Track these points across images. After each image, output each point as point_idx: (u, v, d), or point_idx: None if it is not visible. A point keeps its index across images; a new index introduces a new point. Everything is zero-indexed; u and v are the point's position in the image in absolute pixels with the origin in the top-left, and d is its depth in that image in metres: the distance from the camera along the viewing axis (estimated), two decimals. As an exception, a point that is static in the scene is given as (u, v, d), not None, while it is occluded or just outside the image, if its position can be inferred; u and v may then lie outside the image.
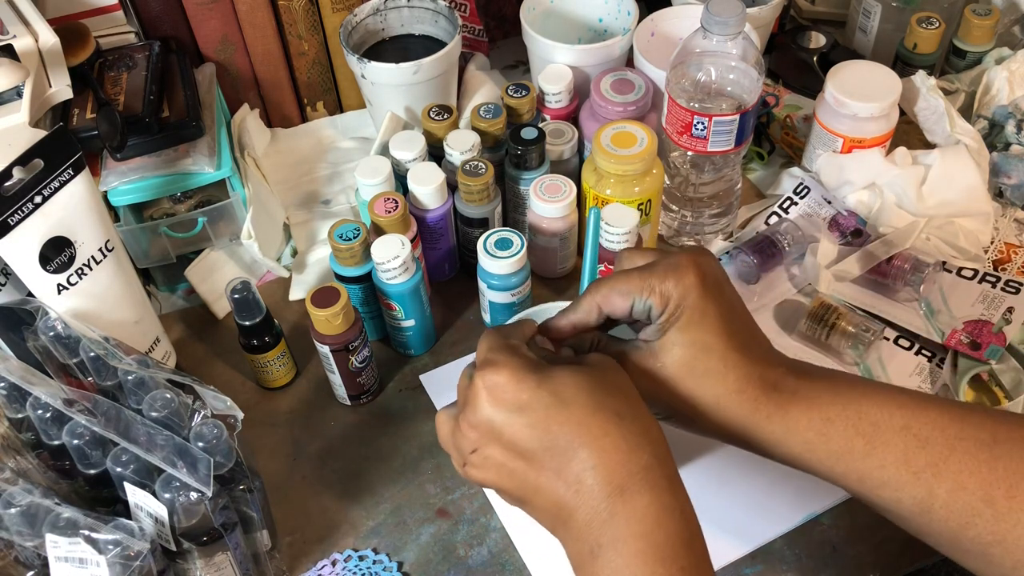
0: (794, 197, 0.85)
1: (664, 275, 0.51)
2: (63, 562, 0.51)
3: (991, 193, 0.83)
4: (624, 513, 0.45)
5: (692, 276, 0.51)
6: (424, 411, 0.74)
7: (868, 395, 0.50)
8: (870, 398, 0.50)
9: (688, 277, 0.51)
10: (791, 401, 0.50)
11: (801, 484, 0.67)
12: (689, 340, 0.51)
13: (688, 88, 0.74)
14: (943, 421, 0.48)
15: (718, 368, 0.51)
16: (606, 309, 0.53)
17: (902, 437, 0.48)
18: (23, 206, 0.59)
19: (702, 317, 0.50)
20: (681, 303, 0.51)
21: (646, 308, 0.52)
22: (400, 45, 0.90)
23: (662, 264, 0.52)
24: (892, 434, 0.49)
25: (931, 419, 0.49)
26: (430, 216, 0.76)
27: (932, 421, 0.48)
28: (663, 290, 0.51)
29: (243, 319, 0.70)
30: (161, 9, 0.83)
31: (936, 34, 0.91)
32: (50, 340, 0.60)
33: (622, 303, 0.52)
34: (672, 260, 0.52)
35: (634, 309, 0.52)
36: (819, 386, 0.51)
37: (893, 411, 0.49)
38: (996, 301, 0.76)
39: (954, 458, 0.47)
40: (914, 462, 0.48)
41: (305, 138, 0.95)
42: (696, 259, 0.52)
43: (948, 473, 0.47)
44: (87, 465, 0.55)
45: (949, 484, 0.47)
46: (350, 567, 0.65)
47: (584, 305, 0.54)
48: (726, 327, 0.51)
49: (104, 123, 0.72)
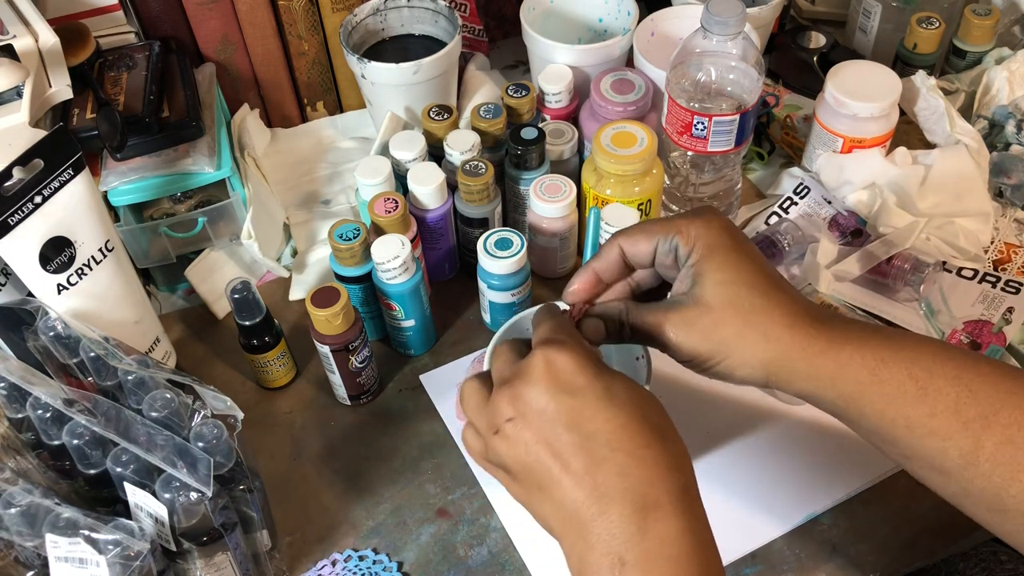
0: (794, 197, 0.85)
1: (689, 218, 0.51)
2: (63, 562, 0.51)
3: (991, 193, 0.83)
4: (657, 533, 0.43)
5: (717, 220, 0.51)
6: (424, 411, 0.74)
7: (920, 344, 0.49)
8: (923, 346, 0.49)
9: (714, 221, 0.51)
10: (844, 338, 0.49)
11: (801, 484, 0.67)
12: (729, 278, 0.49)
13: (688, 88, 0.74)
14: (995, 376, 0.48)
15: (763, 303, 0.49)
16: (629, 251, 0.53)
17: (954, 386, 0.47)
18: (23, 206, 0.59)
19: (737, 256, 0.50)
20: (710, 244, 0.50)
21: (671, 248, 0.51)
22: (400, 45, 0.90)
23: (685, 213, 0.52)
24: (945, 382, 0.48)
25: (983, 373, 0.48)
26: (430, 216, 0.76)
27: (984, 375, 0.48)
28: (688, 229, 0.51)
29: (243, 319, 0.70)
30: (161, 9, 0.83)
31: (936, 34, 0.91)
32: (50, 340, 0.60)
33: (646, 245, 0.52)
34: (694, 210, 0.52)
35: (658, 251, 0.52)
36: (869, 329, 0.50)
37: (945, 361, 0.48)
38: (996, 301, 0.76)
39: (1005, 411, 0.47)
40: (964, 412, 0.47)
41: (305, 138, 0.95)
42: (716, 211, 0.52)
43: (998, 425, 0.47)
44: (87, 465, 0.55)
45: (997, 437, 0.46)
46: (350, 567, 0.65)
47: (606, 251, 0.53)
48: (762, 267, 0.50)
49: (104, 123, 0.72)
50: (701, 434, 0.70)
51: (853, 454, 0.69)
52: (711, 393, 0.73)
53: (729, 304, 0.49)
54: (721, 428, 0.71)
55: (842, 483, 0.67)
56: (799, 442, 0.70)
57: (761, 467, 0.68)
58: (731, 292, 0.49)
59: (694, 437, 0.70)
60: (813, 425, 0.71)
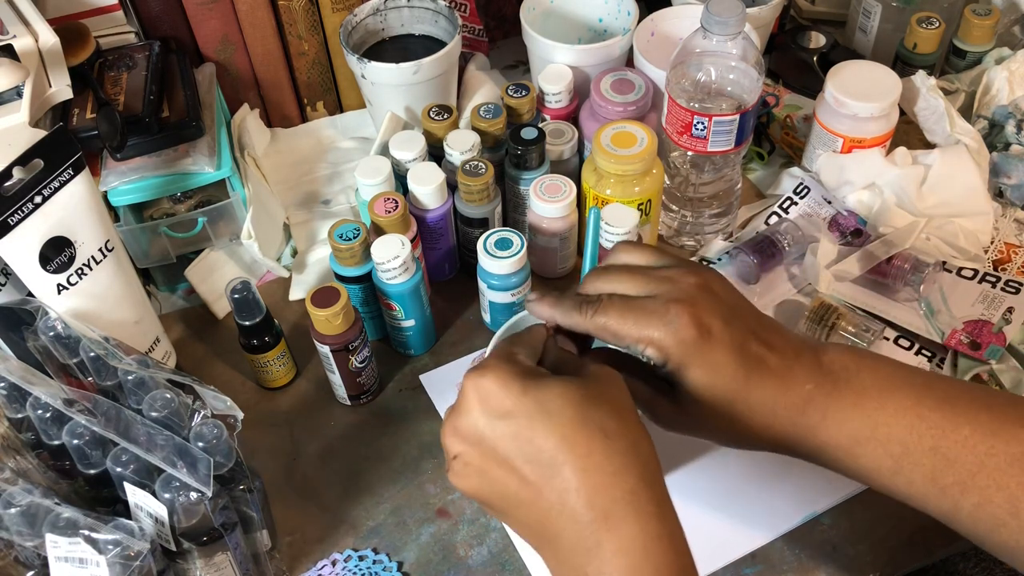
0: (794, 197, 0.85)
1: (662, 329, 0.49)
2: (63, 562, 0.51)
3: (991, 193, 0.83)
4: (610, 544, 0.43)
5: (691, 331, 0.49)
6: (424, 411, 0.74)
7: (899, 415, 0.49)
8: (900, 419, 0.49)
9: (688, 333, 0.49)
10: (820, 426, 0.50)
11: (801, 484, 0.67)
12: (709, 396, 0.50)
13: (688, 88, 0.74)
14: (974, 440, 0.48)
15: (744, 412, 0.50)
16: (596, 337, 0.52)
17: (931, 457, 0.48)
18: (23, 206, 0.59)
19: (713, 368, 0.49)
20: (684, 356, 0.49)
21: (643, 355, 0.51)
22: (400, 45, 0.90)
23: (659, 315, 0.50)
24: (920, 455, 0.48)
25: (961, 438, 0.48)
26: (430, 216, 0.76)
27: (963, 440, 0.48)
28: (661, 345, 0.49)
29: (243, 319, 0.70)
30: (161, 9, 0.83)
31: (936, 34, 0.91)
32: (50, 340, 0.60)
33: (613, 343, 0.52)
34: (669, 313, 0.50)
35: (629, 350, 0.52)
36: (847, 404, 0.50)
37: (923, 432, 0.49)
38: (996, 301, 0.76)
39: (982, 474, 0.47)
40: (941, 480, 0.48)
41: (305, 138, 0.95)
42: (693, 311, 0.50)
43: (975, 489, 0.47)
44: (87, 465, 0.55)
45: (976, 499, 0.48)
46: (350, 567, 0.65)
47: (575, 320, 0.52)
48: (743, 370, 0.50)
49: (104, 123, 0.72)
50: (701, 434, 0.70)
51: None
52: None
53: (713, 415, 0.50)
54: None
55: (842, 483, 0.67)
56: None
57: (761, 467, 0.68)
58: (713, 406, 0.50)
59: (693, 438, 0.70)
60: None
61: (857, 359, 0.52)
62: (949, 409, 0.49)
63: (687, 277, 0.51)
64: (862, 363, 0.51)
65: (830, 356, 0.52)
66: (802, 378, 0.51)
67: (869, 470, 0.50)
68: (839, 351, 0.52)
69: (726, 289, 0.53)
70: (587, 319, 0.51)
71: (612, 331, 0.51)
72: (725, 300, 0.52)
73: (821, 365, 0.51)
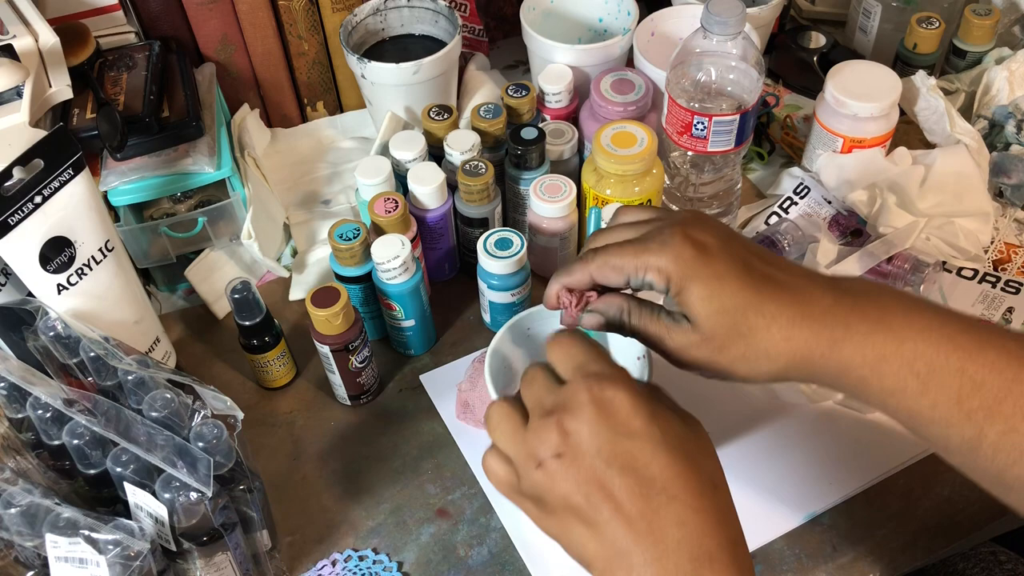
0: (794, 197, 0.85)
1: (659, 251, 0.49)
2: (63, 562, 0.51)
3: (991, 193, 0.83)
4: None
5: (688, 248, 0.49)
6: (424, 411, 0.74)
7: (924, 333, 0.47)
8: (926, 337, 0.47)
9: (684, 250, 0.49)
10: (844, 338, 0.48)
11: (801, 484, 0.67)
12: (718, 308, 0.48)
13: (688, 88, 0.74)
14: (1001, 363, 0.47)
15: (759, 323, 0.48)
16: (599, 279, 0.52)
17: (957, 378, 0.47)
18: (23, 206, 0.59)
19: (719, 281, 0.48)
20: (685, 275, 0.49)
21: (644, 284, 0.50)
22: (400, 45, 0.90)
23: (655, 240, 0.50)
24: (947, 375, 0.47)
25: (988, 361, 0.47)
26: (430, 216, 0.76)
27: (990, 363, 0.47)
28: (660, 266, 0.49)
29: (243, 319, 0.70)
30: (161, 9, 0.83)
31: (936, 34, 0.91)
32: (50, 340, 0.60)
33: (616, 277, 0.51)
34: (663, 235, 0.50)
35: (631, 283, 0.51)
36: (871, 319, 0.48)
37: (950, 353, 0.47)
38: (996, 301, 0.76)
39: (1009, 400, 0.46)
40: (967, 403, 0.47)
41: (305, 138, 0.95)
42: (686, 230, 0.50)
43: (1001, 415, 0.46)
44: (87, 465, 0.55)
45: (1001, 426, 0.46)
46: (350, 567, 0.65)
47: (577, 272, 0.52)
48: (751, 280, 0.49)
49: (104, 123, 0.73)
50: (701, 434, 0.70)
51: (853, 454, 0.69)
52: (712, 394, 0.73)
53: (728, 332, 0.49)
54: (721, 428, 0.71)
55: (842, 483, 0.67)
56: (799, 442, 0.69)
57: (761, 467, 0.68)
58: (727, 320, 0.49)
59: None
60: (814, 425, 0.71)
61: (876, 285, 0.50)
62: (976, 333, 0.48)
63: (680, 213, 0.52)
64: (883, 288, 0.50)
65: (849, 280, 0.50)
66: (818, 294, 0.49)
67: (894, 390, 0.48)
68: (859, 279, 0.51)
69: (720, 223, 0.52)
70: (588, 264, 0.51)
71: (612, 264, 0.50)
72: (722, 228, 0.51)
73: (839, 284, 0.50)
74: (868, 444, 0.69)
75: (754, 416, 0.71)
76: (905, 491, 0.67)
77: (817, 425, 0.71)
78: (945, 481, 0.67)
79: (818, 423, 0.71)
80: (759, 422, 0.71)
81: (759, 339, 0.49)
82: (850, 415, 0.71)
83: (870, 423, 0.70)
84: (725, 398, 0.72)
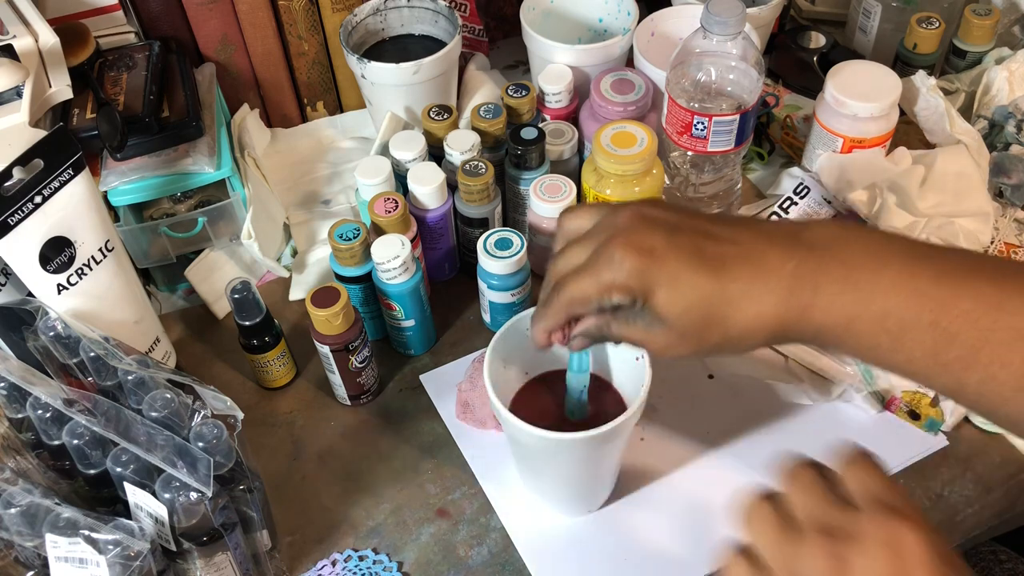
0: (794, 197, 0.85)
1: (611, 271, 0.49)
2: (63, 562, 0.51)
3: (991, 193, 0.83)
4: None
5: (634, 259, 0.49)
6: (424, 411, 0.74)
7: (894, 289, 0.46)
8: (896, 292, 0.46)
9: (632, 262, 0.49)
10: (812, 303, 0.47)
11: (801, 484, 0.67)
12: (684, 307, 0.48)
13: (688, 88, 0.74)
14: (976, 312, 0.45)
15: (727, 310, 0.48)
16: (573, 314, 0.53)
17: (930, 333, 0.46)
18: (23, 206, 0.59)
19: (675, 282, 0.48)
20: (643, 285, 0.49)
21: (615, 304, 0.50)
22: (400, 45, 0.90)
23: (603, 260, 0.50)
24: (919, 331, 0.46)
25: (963, 311, 0.45)
26: (430, 216, 0.76)
27: (964, 314, 0.45)
28: (617, 286, 0.49)
29: (243, 319, 0.70)
30: (161, 9, 0.83)
31: (936, 34, 0.91)
32: (50, 340, 0.60)
33: (586, 308, 0.52)
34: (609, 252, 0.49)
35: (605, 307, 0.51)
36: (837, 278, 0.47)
37: (921, 307, 0.46)
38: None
39: (986, 350, 0.45)
40: (943, 356, 0.46)
41: (305, 138, 0.95)
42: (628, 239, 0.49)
43: (979, 365, 0.45)
44: (87, 465, 0.55)
45: (980, 375, 0.45)
46: (350, 567, 0.65)
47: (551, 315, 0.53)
48: (706, 269, 0.48)
49: (104, 123, 0.73)
50: (700, 435, 0.70)
51: (853, 454, 0.69)
52: (711, 394, 0.73)
53: (701, 325, 0.49)
54: (721, 429, 0.71)
55: (842, 483, 0.67)
56: (800, 442, 0.69)
57: (761, 468, 0.68)
58: (696, 315, 0.48)
59: (693, 438, 0.70)
60: (814, 425, 0.71)
61: (843, 231, 0.49)
62: (948, 281, 0.46)
63: (618, 216, 0.51)
64: (849, 235, 0.49)
65: (812, 231, 0.49)
66: (780, 259, 0.48)
67: (869, 347, 0.47)
68: (823, 225, 0.50)
69: (665, 210, 0.51)
70: (558, 305, 0.52)
71: (577, 300, 0.51)
72: (664, 219, 0.50)
73: (801, 242, 0.49)
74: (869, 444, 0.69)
75: (754, 416, 0.71)
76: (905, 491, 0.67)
77: (817, 425, 0.70)
78: (945, 481, 0.67)
79: (818, 423, 0.71)
80: (759, 422, 0.71)
81: (732, 323, 0.48)
82: (851, 415, 0.71)
83: (870, 423, 0.70)
84: (725, 398, 0.72)
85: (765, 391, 0.72)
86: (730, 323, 0.48)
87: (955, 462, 0.68)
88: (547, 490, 0.66)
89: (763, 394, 0.72)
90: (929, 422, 0.70)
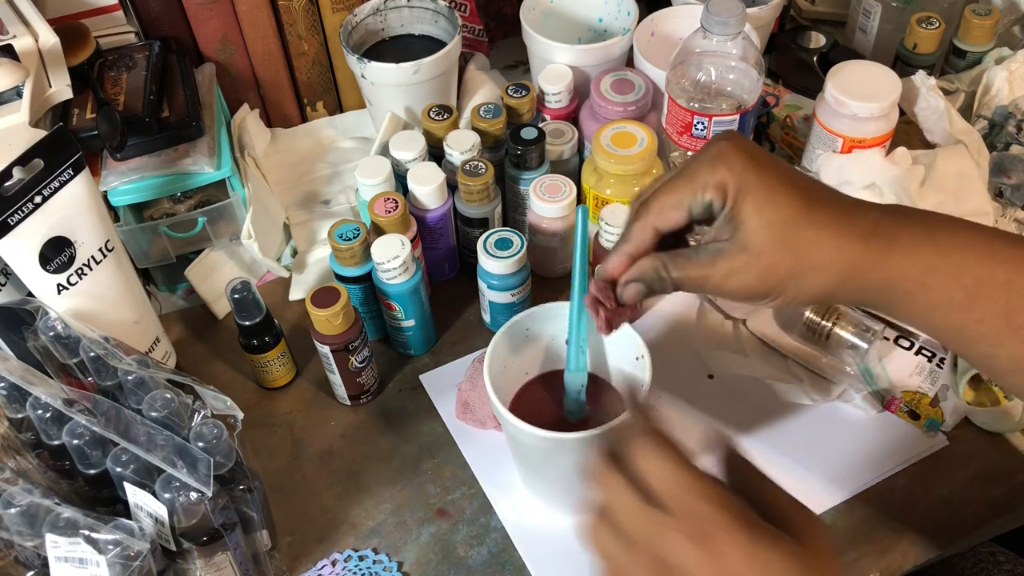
0: (794, 197, 0.85)
1: (712, 167, 0.48)
2: (63, 562, 0.51)
3: (991, 193, 0.83)
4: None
5: (739, 157, 0.48)
6: (424, 411, 0.74)
7: (973, 244, 0.47)
8: (975, 248, 0.47)
9: (736, 159, 0.48)
10: (891, 249, 0.47)
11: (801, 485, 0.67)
12: (769, 219, 0.47)
13: (688, 88, 0.74)
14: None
15: (810, 234, 0.47)
16: (662, 226, 0.50)
17: (1005, 292, 0.46)
18: (23, 206, 0.59)
19: (770, 191, 0.47)
20: (740, 186, 0.48)
21: (705, 206, 0.49)
22: (400, 45, 0.90)
23: (703, 159, 0.49)
24: (995, 288, 0.46)
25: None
26: (430, 216, 0.76)
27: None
28: (716, 181, 0.48)
29: (243, 319, 0.70)
30: (161, 9, 0.83)
31: (936, 34, 0.91)
32: (50, 340, 0.60)
33: (677, 214, 0.50)
34: (710, 152, 0.49)
35: (692, 213, 0.49)
36: (919, 230, 0.47)
37: (996, 266, 0.46)
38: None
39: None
40: (1015, 318, 0.45)
41: (305, 138, 0.95)
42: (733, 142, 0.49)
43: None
44: (87, 465, 0.55)
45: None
46: (350, 567, 0.65)
47: (636, 232, 0.51)
48: (799, 191, 0.48)
49: (104, 123, 0.73)
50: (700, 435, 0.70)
51: (853, 454, 0.69)
52: (711, 394, 0.73)
53: (778, 245, 0.48)
54: (720, 428, 0.71)
55: (842, 483, 0.67)
56: (800, 443, 0.69)
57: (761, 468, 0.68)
58: (777, 233, 0.47)
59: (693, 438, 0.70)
60: (814, 426, 0.71)
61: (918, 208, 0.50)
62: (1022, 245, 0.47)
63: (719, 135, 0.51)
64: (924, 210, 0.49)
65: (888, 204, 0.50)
66: (864, 208, 0.48)
67: (940, 304, 0.47)
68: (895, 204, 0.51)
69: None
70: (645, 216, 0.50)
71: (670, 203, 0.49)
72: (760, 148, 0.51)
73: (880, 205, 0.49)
74: (869, 444, 0.69)
75: (754, 416, 0.71)
76: (905, 491, 0.67)
77: (817, 425, 0.70)
78: (945, 481, 0.67)
79: (819, 423, 0.71)
80: (759, 422, 0.71)
81: (809, 251, 0.48)
82: (851, 415, 0.71)
83: (870, 423, 0.70)
84: (725, 398, 0.72)
85: (765, 391, 0.73)
86: (807, 251, 0.48)
87: (955, 462, 0.68)
88: (547, 490, 0.66)
89: (763, 394, 0.72)
90: (929, 422, 0.70)
